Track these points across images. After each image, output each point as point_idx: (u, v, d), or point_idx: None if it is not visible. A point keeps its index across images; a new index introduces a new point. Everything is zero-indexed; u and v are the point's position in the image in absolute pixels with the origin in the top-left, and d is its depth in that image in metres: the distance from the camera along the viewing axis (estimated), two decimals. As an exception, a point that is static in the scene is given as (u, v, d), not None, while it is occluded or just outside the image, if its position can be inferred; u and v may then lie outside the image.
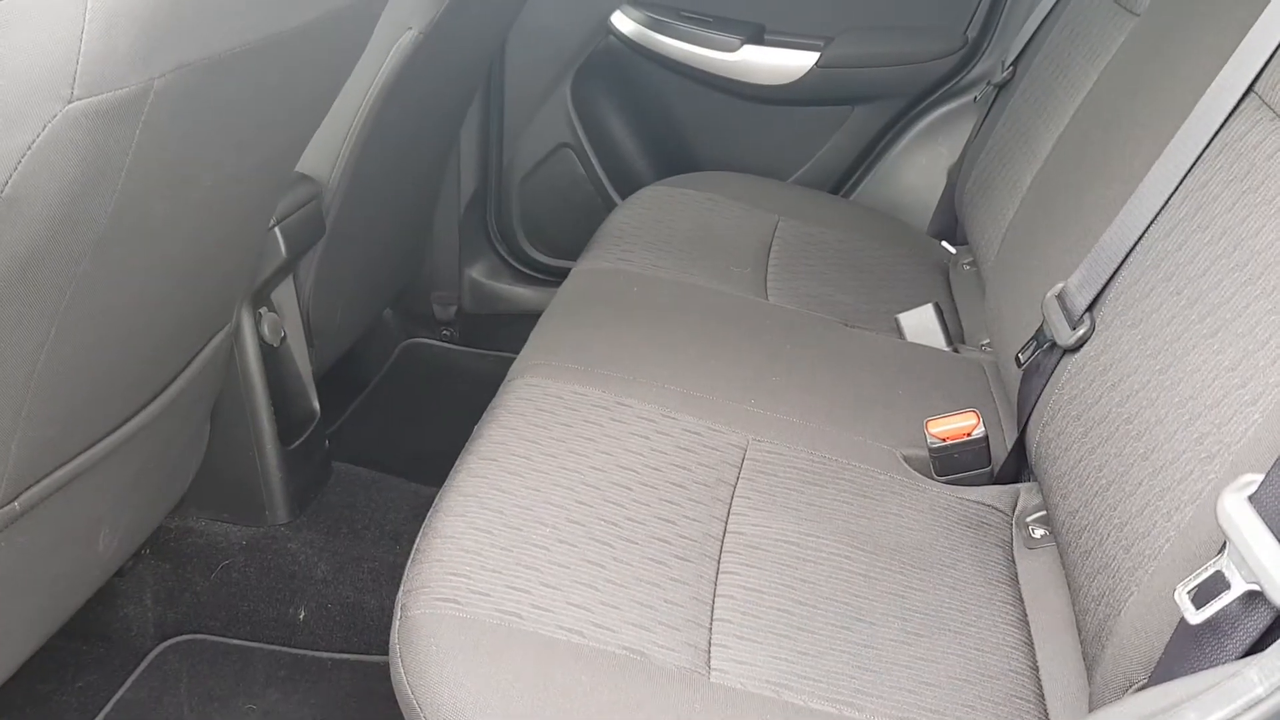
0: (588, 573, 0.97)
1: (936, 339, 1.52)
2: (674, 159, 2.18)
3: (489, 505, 1.02)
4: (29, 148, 0.69)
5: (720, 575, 1.01)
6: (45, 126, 0.68)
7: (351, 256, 1.65)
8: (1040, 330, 1.16)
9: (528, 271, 2.25)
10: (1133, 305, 1.02)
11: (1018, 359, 1.19)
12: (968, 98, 2.00)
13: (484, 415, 1.20)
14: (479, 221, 2.21)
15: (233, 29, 0.78)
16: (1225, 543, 0.67)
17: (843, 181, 2.11)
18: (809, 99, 2.04)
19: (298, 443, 1.52)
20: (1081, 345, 1.09)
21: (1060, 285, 1.15)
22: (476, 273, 2.22)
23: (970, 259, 1.80)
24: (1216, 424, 0.81)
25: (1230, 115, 0.99)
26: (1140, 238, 1.05)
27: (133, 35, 0.70)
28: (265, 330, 1.46)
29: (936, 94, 2.02)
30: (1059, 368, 1.12)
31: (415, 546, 0.98)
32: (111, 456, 1.06)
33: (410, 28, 1.40)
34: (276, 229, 1.37)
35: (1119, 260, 1.06)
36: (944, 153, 1.99)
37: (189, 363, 1.15)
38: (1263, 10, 1.00)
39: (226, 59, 0.79)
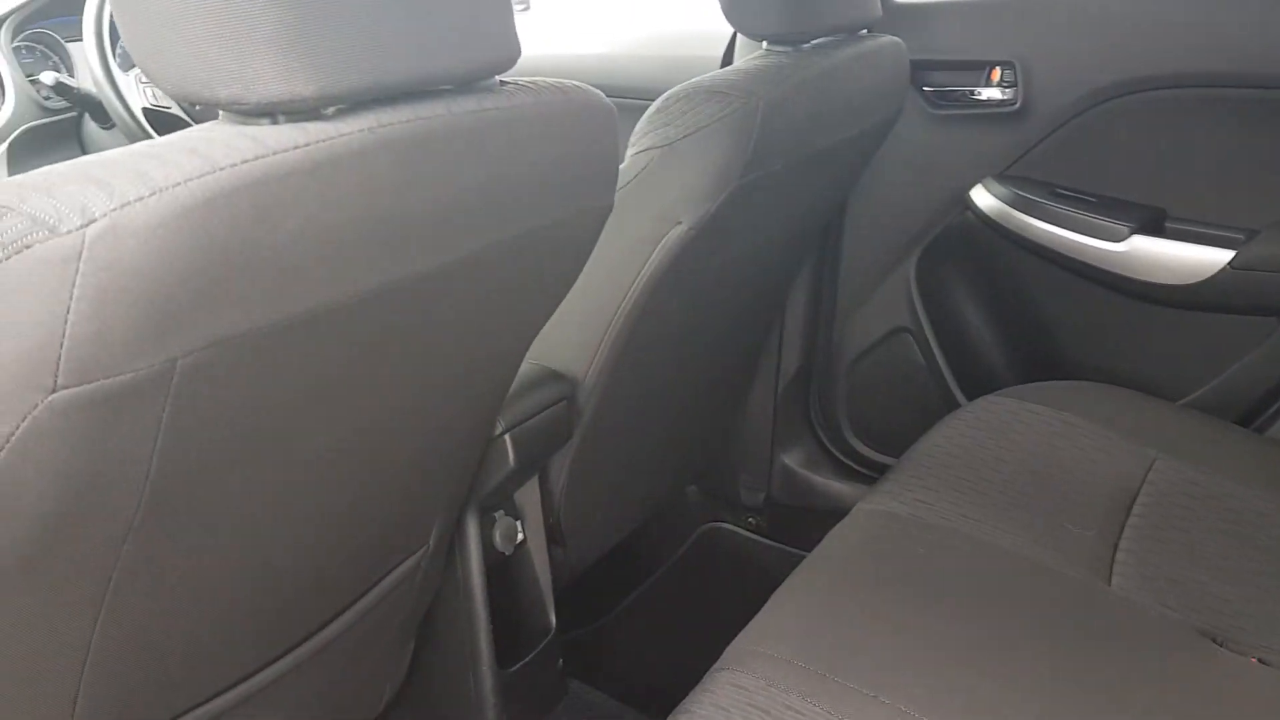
0: None
1: (1352, 690, 1.07)
2: (1034, 358, 1.82)
3: None
4: (7, 440, 0.57)
5: None
6: (25, 418, 0.56)
7: (616, 452, 1.48)
8: None
9: (849, 463, 1.97)
10: None
11: None
12: None
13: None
14: (799, 403, 1.97)
15: (289, 298, 0.63)
16: None
17: (1255, 412, 1.63)
18: (1217, 305, 1.61)
19: (521, 663, 1.35)
20: None
21: None
22: (791, 459, 1.98)
23: None
24: None
25: None
26: None
27: (133, 317, 0.56)
28: (496, 537, 1.31)
29: (1401, 315, 1.51)
30: None
31: None
32: (256, 698, 0.94)
33: (680, 222, 1.22)
34: (506, 436, 1.23)
35: None
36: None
37: (358, 597, 1.02)
38: None
39: (281, 328, 0.64)
